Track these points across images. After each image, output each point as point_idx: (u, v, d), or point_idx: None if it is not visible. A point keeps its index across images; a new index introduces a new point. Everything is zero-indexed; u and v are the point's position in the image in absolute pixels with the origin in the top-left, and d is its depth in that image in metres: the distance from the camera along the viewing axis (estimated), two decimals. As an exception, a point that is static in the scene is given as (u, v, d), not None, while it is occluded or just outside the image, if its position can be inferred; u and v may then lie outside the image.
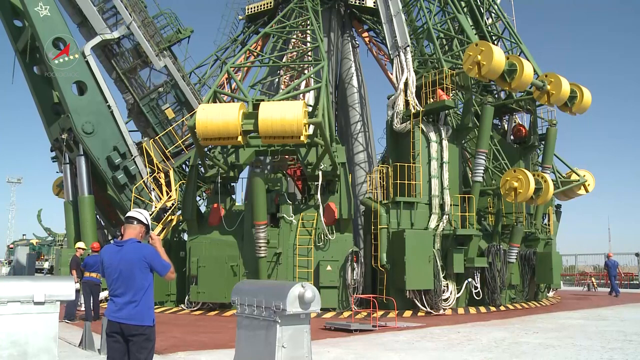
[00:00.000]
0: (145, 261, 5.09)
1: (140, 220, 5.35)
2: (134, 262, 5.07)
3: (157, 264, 5.15)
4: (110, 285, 5.16)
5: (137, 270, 5.07)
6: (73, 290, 7.47)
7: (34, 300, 6.77)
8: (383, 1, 23.09)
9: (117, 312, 5.07)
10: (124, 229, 5.37)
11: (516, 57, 19.71)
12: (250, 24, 31.12)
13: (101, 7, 22.31)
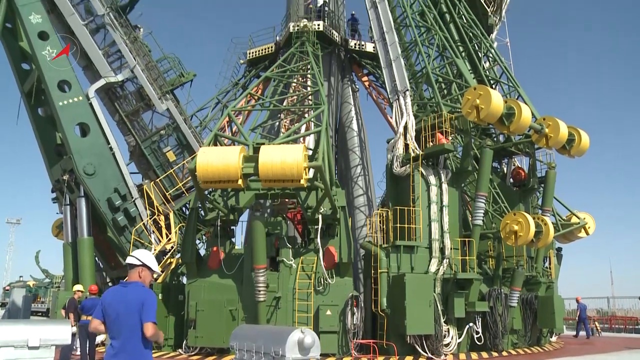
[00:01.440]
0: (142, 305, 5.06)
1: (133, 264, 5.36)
2: (133, 305, 5.05)
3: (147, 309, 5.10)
4: (109, 327, 5.14)
5: (136, 314, 5.04)
6: (69, 334, 7.38)
7: (29, 345, 6.66)
8: (382, 46, 23.52)
9: (114, 356, 5.02)
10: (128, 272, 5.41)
11: (514, 100, 19.95)
12: (252, 68, 31.59)
13: (106, 50, 22.72)
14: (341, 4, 31.41)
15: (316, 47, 26.98)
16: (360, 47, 30.36)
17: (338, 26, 30.29)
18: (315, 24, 28.24)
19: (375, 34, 24.48)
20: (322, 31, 28.20)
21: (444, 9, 25.50)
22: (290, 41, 27.81)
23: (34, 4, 19.83)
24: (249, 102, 26.83)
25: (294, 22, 28.44)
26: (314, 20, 28.46)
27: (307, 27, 27.71)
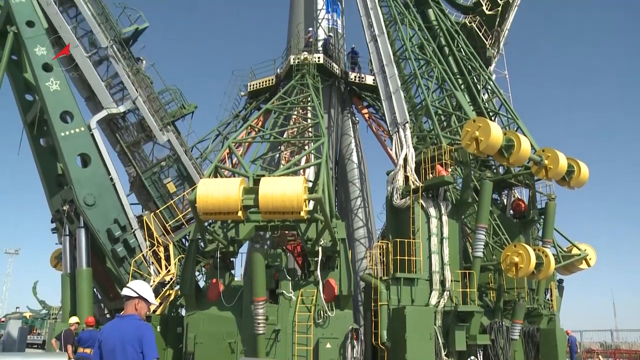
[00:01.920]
0: (139, 340, 5.02)
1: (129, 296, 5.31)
2: (128, 339, 5.00)
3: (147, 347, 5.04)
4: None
5: (130, 348, 4.98)
6: (64, 367, 7.30)
7: (25, 379, 6.58)
8: (382, 79, 23.78)
9: None
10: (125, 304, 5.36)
11: (513, 132, 20.09)
12: (252, 100, 31.85)
13: (109, 82, 22.96)
14: (341, 37, 31.82)
15: (316, 79, 27.23)
16: (360, 79, 30.66)
17: (338, 59, 30.62)
18: (316, 56, 28.56)
19: (375, 66, 24.77)
20: (322, 64, 28.51)
21: (442, 42, 25.86)
22: (291, 73, 28.09)
23: (40, 36, 20.12)
24: (250, 134, 26.97)
25: (295, 55, 28.76)
26: (314, 53, 28.79)
27: (307, 60, 28.02)
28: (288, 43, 31.56)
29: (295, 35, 30.52)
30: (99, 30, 22.43)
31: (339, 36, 31.54)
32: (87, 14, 22.25)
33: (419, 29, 25.32)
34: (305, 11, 31.56)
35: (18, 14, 19.80)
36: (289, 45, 31.08)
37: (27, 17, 19.89)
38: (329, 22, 31.42)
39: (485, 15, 32.32)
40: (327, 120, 28.68)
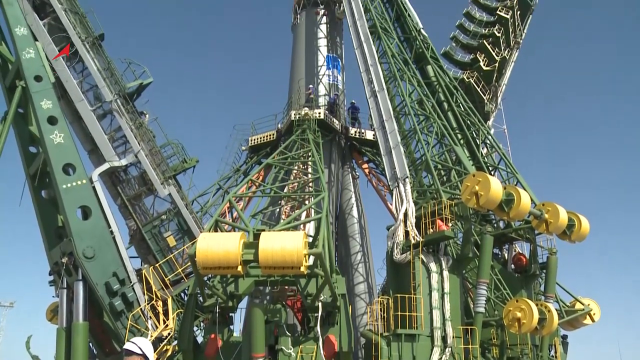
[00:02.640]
0: None
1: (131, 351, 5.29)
2: None
3: None
4: None
5: None
6: None
7: None
8: (382, 134, 24.06)
9: None
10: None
11: (513, 187, 20.20)
12: (253, 154, 32.14)
13: (112, 135, 23.22)
14: (342, 93, 32.37)
15: (317, 134, 27.57)
16: (361, 134, 31.04)
17: (339, 114, 31.07)
18: (316, 112, 29.01)
19: (375, 122, 25.10)
20: (322, 119, 28.92)
21: (442, 98, 26.32)
22: (292, 128, 28.46)
23: (47, 90, 20.43)
24: (250, 189, 27.10)
25: (296, 110, 29.20)
26: (315, 109, 29.25)
27: (308, 115, 28.44)
28: (289, 98, 32.10)
29: (296, 90, 31.09)
30: (104, 85, 22.84)
31: (339, 91, 32.08)
32: (93, 69, 22.71)
33: (419, 85, 25.83)
34: (306, 67, 32.26)
35: (27, 69, 20.19)
36: (290, 100, 31.61)
37: (36, 72, 20.27)
38: (330, 79, 32.06)
39: (482, 71, 33.14)
40: (328, 175, 28.89)
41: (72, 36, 22.55)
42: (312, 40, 32.93)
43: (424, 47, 28.59)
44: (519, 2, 35.63)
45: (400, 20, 30.13)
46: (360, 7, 28.03)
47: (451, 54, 34.87)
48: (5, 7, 20.64)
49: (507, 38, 34.97)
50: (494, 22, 35.02)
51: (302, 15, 33.62)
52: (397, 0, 30.25)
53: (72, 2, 23.43)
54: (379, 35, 27.15)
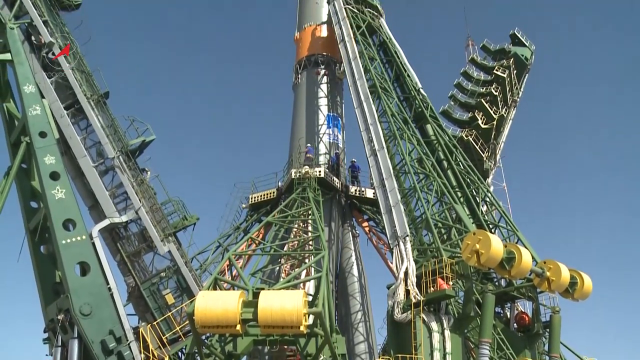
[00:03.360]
0: None
1: None
2: None
3: None
4: None
5: None
6: None
7: None
8: (382, 192, 24.19)
9: None
10: None
11: (514, 245, 20.12)
12: (253, 212, 32.18)
13: (113, 192, 23.30)
14: (342, 151, 32.69)
15: (317, 193, 27.71)
16: (361, 193, 31.16)
17: (339, 173, 31.29)
18: (317, 170, 29.23)
19: (375, 180, 25.28)
20: (323, 177, 29.10)
21: (441, 156, 26.59)
22: (292, 187, 28.62)
23: (51, 146, 20.65)
24: (250, 247, 27.04)
25: (296, 169, 29.42)
26: (315, 167, 29.49)
27: (308, 174, 28.64)
28: (290, 156, 32.39)
29: (297, 149, 31.40)
30: (107, 142, 23.09)
31: (339, 150, 32.41)
32: (97, 126, 23.02)
33: (418, 143, 26.15)
34: (307, 126, 32.73)
35: (33, 125, 20.48)
36: (291, 158, 31.89)
37: (41, 128, 20.56)
38: (330, 137, 32.48)
39: (481, 129, 33.65)
40: (328, 234, 28.87)
41: (78, 94, 22.98)
42: (312, 99, 33.54)
43: (423, 106, 29.10)
44: (515, 62, 36.57)
45: (400, 80, 30.79)
46: (360, 67, 28.68)
47: (450, 113, 35.48)
48: (17, 66, 21.18)
49: (505, 96, 35.71)
50: (491, 81, 35.81)
51: (303, 75, 34.35)
52: (397, 61, 30.98)
53: (80, 61, 23.99)
54: (379, 95, 27.68)
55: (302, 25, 36.04)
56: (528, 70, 38.16)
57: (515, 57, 36.68)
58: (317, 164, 30.34)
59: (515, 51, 36.91)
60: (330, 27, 33.91)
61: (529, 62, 37.84)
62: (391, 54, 31.36)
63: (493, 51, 37.57)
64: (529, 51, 37.75)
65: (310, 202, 25.47)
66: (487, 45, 37.74)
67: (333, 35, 32.50)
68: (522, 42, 37.66)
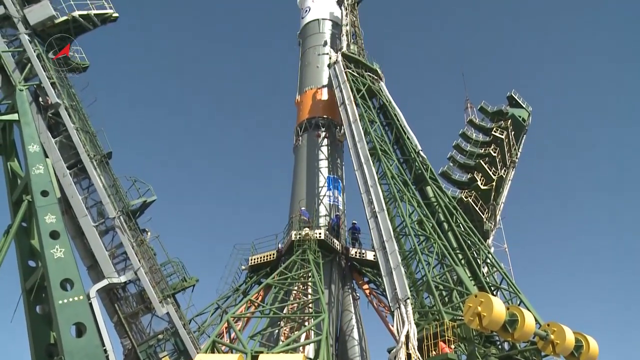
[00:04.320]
0: None
1: None
2: None
3: None
4: None
5: None
6: None
7: None
8: (382, 255, 24.07)
9: None
10: None
11: (516, 307, 19.84)
12: (253, 274, 31.87)
13: (112, 252, 23.27)
14: (342, 213, 32.72)
15: (317, 255, 27.59)
16: (361, 255, 30.96)
17: (339, 235, 31.23)
18: (317, 232, 29.18)
19: (376, 242, 25.18)
20: (323, 239, 29.03)
21: (441, 218, 26.61)
22: (292, 248, 28.49)
23: (52, 205, 20.74)
24: (249, 309, 26.73)
25: (296, 231, 29.38)
26: (315, 229, 29.46)
27: (308, 236, 28.59)
28: (290, 218, 32.37)
29: (297, 210, 31.44)
30: (109, 202, 23.25)
31: (339, 212, 32.46)
32: (99, 186, 23.23)
33: (418, 205, 26.21)
34: (307, 188, 32.87)
35: (35, 184, 20.66)
36: (291, 220, 31.87)
37: (43, 187, 20.72)
38: (330, 199, 32.55)
39: (480, 190, 33.79)
40: (328, 296, 28.57)
41: (82, 154, 23.32)
42: (313, 161, 33.84)
43: (423, 168, 29.35)
44: (513, 123, 37.14)
45: (400, 142, 31.17)
46: (360, 130, 29.09)
47: (449, 174, 35.76)
48: (23, 126, 21.59)
49: (503, 157, 36.08)
50: (489, 142, 36.25)
51: (304, 138, 34.78)
52: (397, 124, 31.46)
53: (84, 122, 24.47)
54: (379, 157, 27.95)
55: (303, 89, 36.80)
56: (526, 131, 38.76)
57: (512, 118, 37.32)
58: (317, 225, 30.30)
59: (513, 112, 37.59)
60: (330, 90, 34.58)
61: (527, 123, 38.47)
62: (391, 116, 31.88)
63: (491, 113, 38.24)
64: (526, 112, 38.45)
65: (310, 264, 25.35)
66: (484, 107, 38.44)
67: (333, 98, 33.11)
68: (519, 103, 38.41)
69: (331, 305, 28.60)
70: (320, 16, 39.20)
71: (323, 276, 25.40)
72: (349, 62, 33.56)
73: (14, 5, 24.17)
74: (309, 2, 40.55)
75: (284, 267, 25.77)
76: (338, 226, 31.32)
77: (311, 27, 39.11)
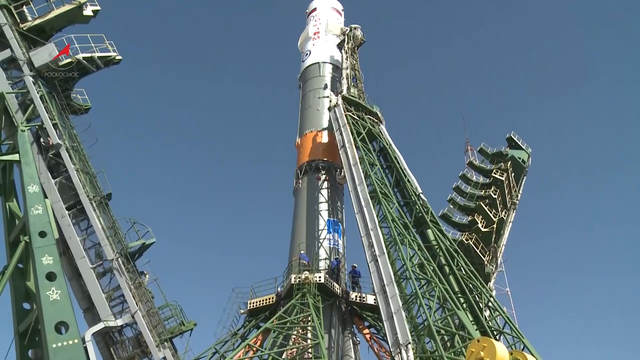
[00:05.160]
0: None
1: None
2: None
3: None
4: None
5: None
6: None
7: None
8: (383, 299, 23.80)
9: None
10: None
11: (520, 352, 19.40)
12: (252, 318, 31.39)
13: (110, 294, 22.93)
14: (342, 257, 32.48)
15: (317, 299, 27.30)
16: (361, 299, 30.60)
17: (339, 278, 30.92)
18: (317, 276, 28.91)
19: (376, 286, 24.94)
20: (323, 283, 28.74)
21: (443, 262, 26.40)
22: (292, 292, 28.21)
23: (50, 246, 20.47)
24: (247, 353, 26.19)
25: (296, 274, 29.12)
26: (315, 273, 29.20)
27: (308, 279, 28.32)
28: (289, 261, 32.10)
29: (297, 253, 31.21)
30: (107, 243, 23.05)
31: (339, 255, 32.22)
32: (97, 228, 23.06)
33: (419, 248, 26.06)
34: (307, 231, 32.71)
35: (34, 224, 20.46)
36: (290, 263, 31.60)
37: (41, 228, 20.51)
38: (330, 242, 32.37)
39: (481, 232, 33.60)
40: (328, 341, 28.12)
41: (81, 195, 23.22)
42: (313, 204, 33.77)
43: (423, 211, 29.27)
44: (513, 165, 37.19)
45: (400, 185, 31.18)
46: (360, 173, 29.12)
47: (449, 216, 35.63)
48: (24, 166, 21.57)
49: (504, 199, 36.00)
50: (489, 184, 36.24)
51: (304, 181, 34.79)
52: (397, 166, 31.52)
53: (85, 163, 24.50)
54: (379, 200, 27.91)
55: (304, 131, 37.03)
56: (526, 173, 38.82)
57: (512, 159, 37.40)
58: (317, 269, 30.03)
59: (513, 154, 37.69)
60: (331, 133, 34.78)
61: (527, 165, 38.56)
62: (391, 159, 31.97)
63: (490, 154, 38.37)
64: (525, 154, 38.57)
65: (310, 309, 25.06)
66: (484, 149, 38.60)
67: (334, 141, 33.27)
68: (519, 144, 38.56)
69: (331, 350, 28.12)
70: (320, 59, 39.81)
71: (323, 320, 25.08)
72: (349, 105, 33.88)
73: (21, 49, 24.49)
74: (310, 46, 41.23)
75: (283, 311, 25.44)
76: (338, 269, 31.05)
77: (312, 70, 39.67)
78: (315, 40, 41.18)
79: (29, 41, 25.20)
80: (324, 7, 43.42)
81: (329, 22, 41.72)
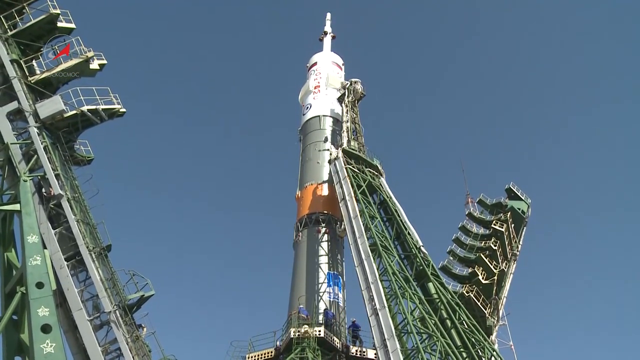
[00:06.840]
0: None
1: None
2: None
3: None
4: None
5: None
6: None
7: None
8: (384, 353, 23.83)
9: None
10: None
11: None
12: (251, 372, 30.78)
13: (106, 348, 22.41)
14: (342, 311, 32.09)
15: (317, 353, 26.93)
16: (362, 353, 30.07)
17: (339, 332, 30.47)
18: (316, 330, 28.52)
19: (377, 340, 24.74)
20: (323, 337, 28.32)
21: (444, 315, 26.12)
22: (291, 346, 27.85)
23: (46, 298, 20.18)
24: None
25: (295, 328, 28.73)
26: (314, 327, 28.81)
27: (307, 333, 27.94)
28: (289, 315, 31.72)
29: (296, 307, 30.87)
30: (105, 295, 22.70)
31: (340, 309, 31.84)
32: (96, 279, 22.76)
33: (420, 302, 25.82)
34: (307, 284, 32.44)
35: (31, 275, 20.23)
36: (290, 317, 31.20)
37: (39, 279, 20.27)
38: (330, 296, 32.06)
39: (481, 284, 33.31)
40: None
41: (81, 246, 23.03)
42: (313, 257, 33.58)
43: (424, 264, 29.11)
44: (513, 216, 37.20)
45: (400, 238, 31.09)
46: (361, 226, 29.09)
47: (449, 268, 35.45)
48: (24, 216, 21.55)
49: (504, 250, 35.86)
50: (489, 235, 36.17)
51: (304, 233, 34.70)
52: (397, 219, 31.49)
53: (85, 213, 24.44)
54: (380, 254, 27.83)
55: (304, 184, 37.17)
56: (526, 224, 38.77)
57: (512, 210, 37.43)
58: (317, 323, 29.63)
59: (512, 205, 37.75)
60: (331, 186, 34.91)
61: (526, 216, 38.55)
62: (392, 212, 31.98)
63: (490, 205, 38.41)
64: (525, 204, 38.63)
65: (310, 362, 24.59)
66: (483, 200, 38.70)
67: (334, 194, 33.36)
68: (518, 195, 38.65)
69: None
70: (321, 113, 40.34)
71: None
72: (350, 158, 34.15)
73: (28, 101, 24.83)
74: (310, 99, 41.85)
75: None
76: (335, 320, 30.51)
77: (312, 124, 40.14)
78: (315, 93, 41.83)
79: (35, 93, 25.58)
80: (325, 61, 44.31)
81: (329, 75, 42.47)
